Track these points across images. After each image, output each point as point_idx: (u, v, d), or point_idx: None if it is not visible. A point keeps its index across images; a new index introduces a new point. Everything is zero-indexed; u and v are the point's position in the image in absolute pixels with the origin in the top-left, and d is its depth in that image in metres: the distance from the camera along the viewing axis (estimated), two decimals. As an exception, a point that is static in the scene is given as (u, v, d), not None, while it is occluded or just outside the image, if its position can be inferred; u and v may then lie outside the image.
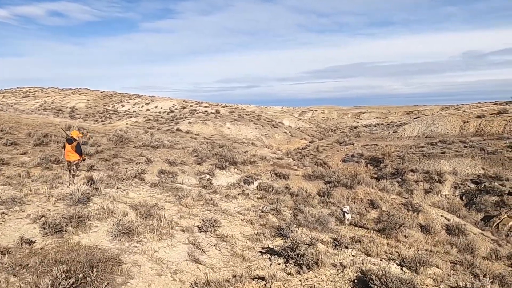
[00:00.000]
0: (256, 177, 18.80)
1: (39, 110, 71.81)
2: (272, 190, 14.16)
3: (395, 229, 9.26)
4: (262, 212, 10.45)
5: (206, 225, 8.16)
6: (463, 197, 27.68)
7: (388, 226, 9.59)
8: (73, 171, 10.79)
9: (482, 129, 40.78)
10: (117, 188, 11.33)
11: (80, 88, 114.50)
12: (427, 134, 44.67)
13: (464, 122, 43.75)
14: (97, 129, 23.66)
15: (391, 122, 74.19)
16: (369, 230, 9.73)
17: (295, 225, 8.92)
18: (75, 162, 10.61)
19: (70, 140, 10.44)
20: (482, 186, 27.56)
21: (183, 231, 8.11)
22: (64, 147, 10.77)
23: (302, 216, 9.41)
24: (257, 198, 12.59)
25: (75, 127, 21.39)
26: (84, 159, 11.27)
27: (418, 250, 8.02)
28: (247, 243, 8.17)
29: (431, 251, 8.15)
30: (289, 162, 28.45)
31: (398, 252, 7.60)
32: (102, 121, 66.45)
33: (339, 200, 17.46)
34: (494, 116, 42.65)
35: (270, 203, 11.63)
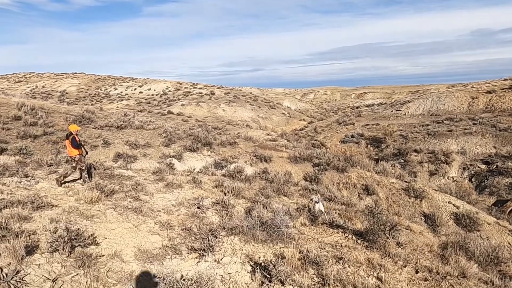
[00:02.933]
0: (232, 160, 16.13)
1: (27, 94, 69.22)
2: (241, 175, 11.49)
3: (384, 234, 6.44)
4: (199, 208, 7.81)
5: (61, 240, 5.30)
6: (473, 179, 24.89)
7: (372, 229, 6.70)
8: (80, 166, 9.62)
9: (493, 105, 37.62)
10: (26, 176, 8.73)
11: (75, 73, 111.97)
12: (433, 111, 41.59)
13: (473, 98, 40.54)
14: (59, 109, 20.98)
15: (395, 101, 70.91)
16: (346, 234, 6.95)
17: (223, 233, 6.19)
18: (75, 158, 9.47)
19: (67, 135, 9.61)
20: (494, 166, 24.72)
21: (4, 253, 4.94)
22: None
23: (255, 214, 6.71)
24: (213, 187, 9.93)
25: (28, 106, 18.73)
26: (87, 153, 10.21)
27: (417, 271, 5.27)
28: (130, 267, 5.33)
29: (437, 272, 5.34)
30: (277, 143, 25.77)
31: (380, 281, 4.87)
32: (92, 104, 63.76)
33: (327, 186, 14.76)
34: (505, 91, 39.38)
35: (224, 194, 8.99)
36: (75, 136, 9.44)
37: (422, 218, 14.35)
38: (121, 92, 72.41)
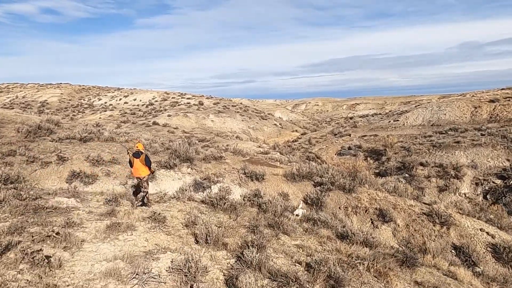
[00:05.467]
0: (216, 179, 13.28)
1: (5, 105, 65.60)
2: (225, 202, 8.63)
3: None
4: (145, 283, 4.81)
5: None
6: (488, 196, 22.32)
7: None
8: (144, 187, 9.37)
9: (497, 114, 35.47)
10: None
11: (60, 83, 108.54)
12: (433, 122, 39.30)
13: (475, 108, 38.39)
14: (15, 118, 17.94)
15: (390, 111, 68.83)
16: None
17: None
18: (145, 178, 9.26)
19: (137, 154, 9.27)
20: (511, 181, 22.22)
21: None
22: (130, 164, 9.50)
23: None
24: (183, 226, 7.03)
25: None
26: (153, 172, 10.09)
27: None
28: None
29: None
30: (269, 156, 22.97)
31: None
32: (74, 115, 60.52)
33: (334, 211, 11.93)
34: (509, 100, 37.36)
35: (196, 240, 6.10)
36: (147, 154, 9.27)
37: (453, 251, 11.59)
38: (105, 103, 69.17)
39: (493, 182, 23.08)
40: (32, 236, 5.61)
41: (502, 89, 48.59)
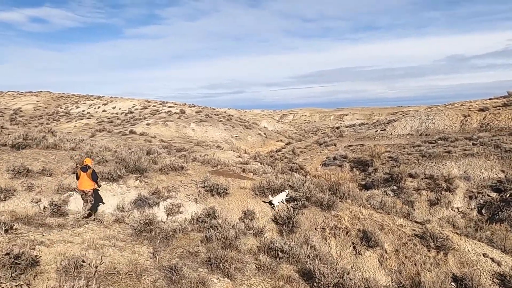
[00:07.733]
0: (168, 194, 11.01)
1: (-25, 112, 62.23)
2: (152, 229, 6.34)
3: None
4: None
5: None
6: (483, 211, 20.38)
7: None
8: (90, 200, 9.57)
9: (488, 123, 33.93)
10: None
11: (41, 91, 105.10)
12: (422, 131, 37.66)
13: (465, 117, 36.86)
14: None
15: (377, 121, 67.32)
16: None
17: None
18: (90, 192, 9.52)
19: (85, 168, 9.58)
20: (508, 195, 20.34)
21: None
22: (77, 177, 9.76)
23: None
24: (56, 271, 4.70)
25: None
26: (99, 186, 10.15)
27: None
28: None
29: None
30: (248, 167, 20.79)
31: None
32: (47, 123, 57.52)
33: (308, 234, 9.76)
34: (499, 109, 35.92)
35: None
36: (94, 169, 9.72)
37: (453, 284, 9.43)
38: (83, 111, 66.30)
39: (488, 195, 21.19)
40: None
41: (491, 98, 47.35)
